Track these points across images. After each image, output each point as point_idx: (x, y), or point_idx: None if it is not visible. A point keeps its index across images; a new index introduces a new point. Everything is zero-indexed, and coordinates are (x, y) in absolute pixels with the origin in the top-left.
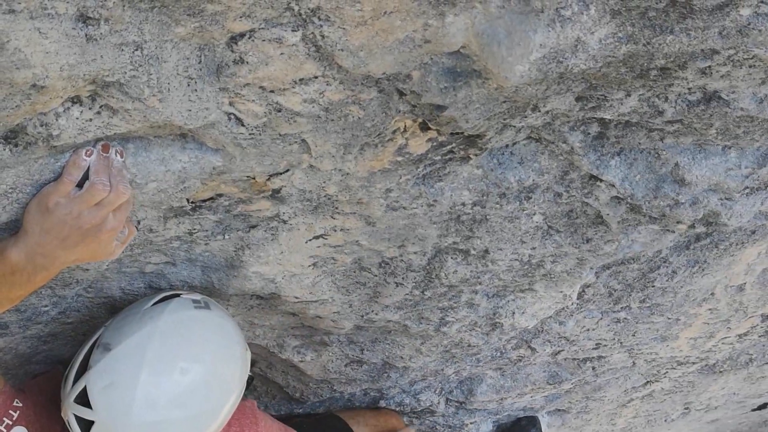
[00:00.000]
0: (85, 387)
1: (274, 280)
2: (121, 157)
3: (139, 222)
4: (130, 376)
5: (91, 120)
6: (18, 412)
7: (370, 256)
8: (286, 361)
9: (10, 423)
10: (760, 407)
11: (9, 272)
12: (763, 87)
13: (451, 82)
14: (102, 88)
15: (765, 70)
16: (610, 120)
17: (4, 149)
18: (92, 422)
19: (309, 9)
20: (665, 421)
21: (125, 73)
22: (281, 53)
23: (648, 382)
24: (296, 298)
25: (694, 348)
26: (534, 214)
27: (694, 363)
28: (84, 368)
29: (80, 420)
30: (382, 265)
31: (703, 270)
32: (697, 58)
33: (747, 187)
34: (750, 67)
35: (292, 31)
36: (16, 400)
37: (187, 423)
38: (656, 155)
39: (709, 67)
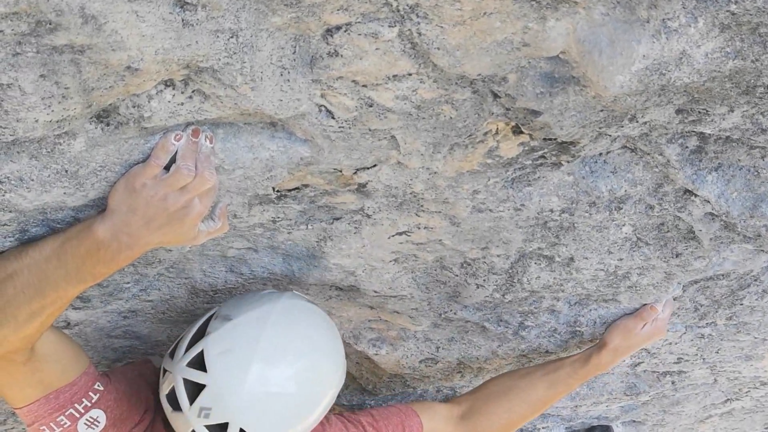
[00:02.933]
0: (202, 351)
1: (354, 272)
2: (210, 143)
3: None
4: (248, 345)
5: (182, 104)
6: (98, 395)
7: (452, 256)
8: (360, 352)
9: (89, 405)
10: None
11: (95, 248)
12: None
13: (548, 87)
14: (195, 73)
15: None
16: (710, 135)
17: (96, 128)
18: (203, 386)
19: (407, 5)
20: None
21: (219, 59)
22: (376, 48)
23: (728, 399)
24: (375, 292)
25: None
26: (623, 225)
27: None
28: (200, 336)
29: (190, 384)
30: (464, 265)
31: None
32: None
33: None
34: None
35: (389, 27)
36: (98, 383)
37: (294, 402)
38: (756, 173)
39: None
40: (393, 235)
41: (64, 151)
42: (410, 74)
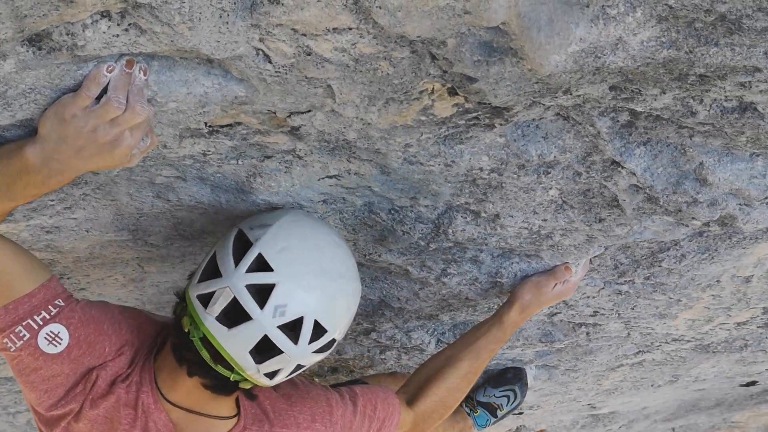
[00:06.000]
0: (260, 254)
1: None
2: (144, 75)
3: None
4: (300, 239)
5: (118, 36)
6: (58, 309)
7: (380, 202)
8: None
9: (47, 317)
10: (749, 384)
11: (25, 171)
12: None
13: (486, 56)
14: (133, 7)
15: None
16: (641, 111)
17: (27, 51)
18: (273, 286)
19: None
20: (651, 386)
21: None
22: (318, 0)
23: (640, 351)
24: None
25: (690, 329)
26: (550, 189)
27: (688, 341)
28: (245, 247)
29: (255, 289)
30: (392, 212)
31: (712, 258)
32: (738, 72)
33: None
34: None
35: None
36: (60, 299)
37: (349, 287)
38: (682, 151)
39: (749, 81)
40: (323, 178)
41: None
42: (350, 29)
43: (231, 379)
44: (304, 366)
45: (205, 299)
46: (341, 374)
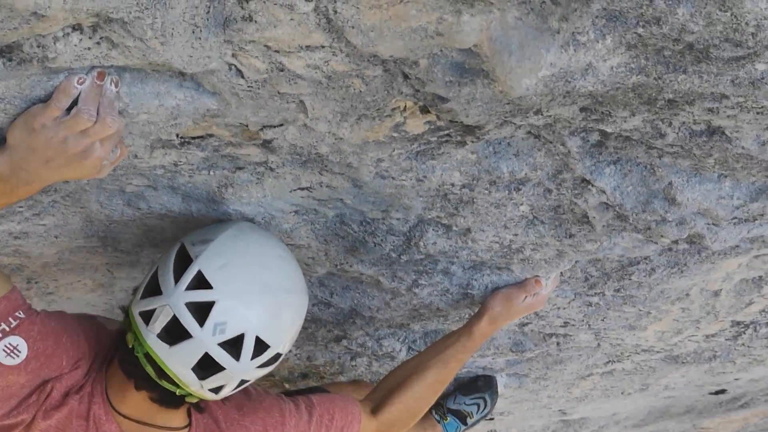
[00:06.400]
0: (200, 271)
1: (253, 220)
2: (116, 87)
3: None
4: (242, 255)
5: (89, 49)
6: (18, 322)
7: (352, 214)
8: None
9: (7, 329)
10: (718, 392)
11: None
12: (767, 132)
13: (458, 77)
14: (105, 22)
15: None
16: (611, 132)
17: None
18: (212, 303)
19: None
20: (621, 394)
21: (130, 13)
22: (291, 19)
23: (610, 361)
24: None
25: (660, 340)
26: (521, 204)
27: (658, 352)
28: (185, 263)
29: (195, 307)
30: (364, 223)
31: (682, 272)
32: (706, 98)
33: (736, 218)
34: (758, 113)
35: (306, 0)
36: (20, 311)
37: (293, 301)
38: (652, 171)
39: (717, 107)
40: (295, 189)
41: None
42: (323, 47)
43: (177, 393)
44: (248, 380)
45: (147, 316)
46: (311, 380)
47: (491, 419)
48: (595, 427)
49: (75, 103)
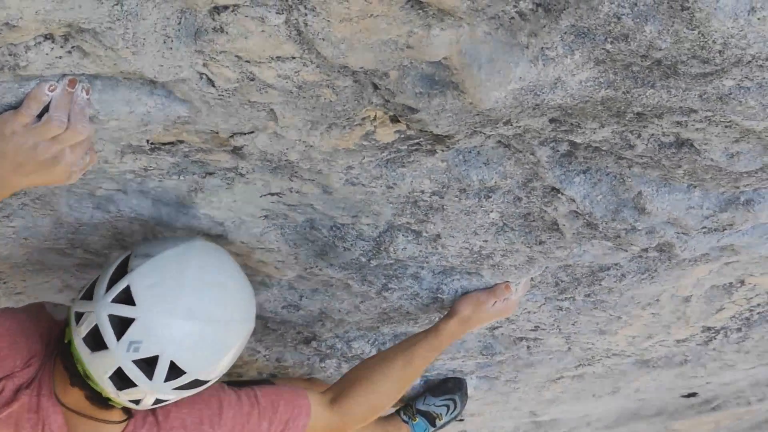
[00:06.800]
0: (128, 286)
1: (223, 223)
2: (87, 94)
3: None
4: (175, 277)
5: (61, 57)
6: None
7: (322, 219)
8: None
9: None
10: (689, 395)
11: None
12: (736, 145)
13: (427, 88)
14: (76, 32)
15: (740, 132)
16: (580, 143)
17: None
18: (131, 320)
19: None
20: (592, 396)
21: (102, 23)
22: (262, 30)
23: (580, 365)
24: (243, 242)
25: (630, 345)
26: (491, 212)
27: (629, 356)
28: (121, 274)
29: (117, 320)
30: (333, 228)
31: (652, 278)
32: (675, 112)
33: (705, 227)
34: (726, 127)
35: (277, 13)
36: None
37: (220, 332)
38: (621, 180)
39: (685, 121)
40: (265, 195)
41: None
42: (294, 57)
43: (103, 395)
44: (165, 400)
45: (78, 317)
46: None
47: (461, 420)
48: (566, 428)
49: (46, 110)
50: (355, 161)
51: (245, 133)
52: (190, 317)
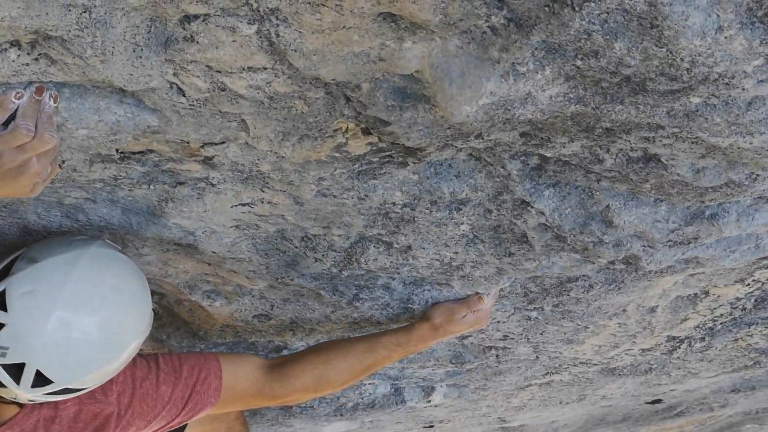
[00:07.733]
0: (4, 290)
1: (193, 233)
2: (55, 102)
3: (63, 161)
4: (53, 288)
5: (27, 65)
6: None
7: (293, 230)
8: (194, 302)
9: None
10: (654, 402)
11: None
12: (702, 160)
13: (399, 101)
14: (44, 39)
15: (706, 148)
16: (550, 156)
17: None
18: (2, 325)
19: (268, 8)
20: (559, 403)
21: (69, 31)
22: (233, 41)
23: (548, 373)
24: (214, 252)
25: (597, 354)
26: (462, 224)
27: (595, 365)
28: (3, 275)
29: None
30: (305, 239)
31: (619, 289)
32: (643, 128)
33: (671, 240)
34: (692, 143)
35: (248, 24)
36: None
37: (94, 349)
38: (590, 194)
39: (653, 136)
40: (236, 205)
41: None
42: (265, 68)
43: None
44: (35, 401)
45: None
46: None
47: (431, 426)
48: None
49: (12, 118)
50: (326, 173)
51: (216, 144)
52: (60, 329)
